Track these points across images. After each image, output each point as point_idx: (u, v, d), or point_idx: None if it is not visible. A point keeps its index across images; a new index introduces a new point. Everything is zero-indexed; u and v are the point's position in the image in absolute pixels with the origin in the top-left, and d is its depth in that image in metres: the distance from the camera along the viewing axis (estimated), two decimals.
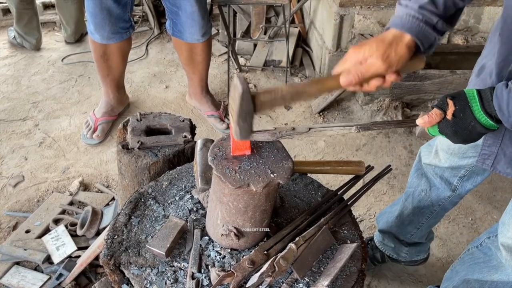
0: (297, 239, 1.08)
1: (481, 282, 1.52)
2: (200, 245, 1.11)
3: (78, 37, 3.55)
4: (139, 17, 3.71)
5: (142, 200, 1.24)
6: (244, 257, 1.07)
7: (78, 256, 1.86)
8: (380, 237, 1.95)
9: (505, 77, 1.09)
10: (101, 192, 2.33)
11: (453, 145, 1.45)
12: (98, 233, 1.93)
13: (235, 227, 1.05)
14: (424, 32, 1.00)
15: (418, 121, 1.00)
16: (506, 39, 1.05)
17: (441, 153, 1.54)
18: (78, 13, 3.38)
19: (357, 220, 2.24)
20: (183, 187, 1.28)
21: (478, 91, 0.95)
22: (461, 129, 0.95)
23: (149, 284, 1.04)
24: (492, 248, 1.48)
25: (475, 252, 1.56)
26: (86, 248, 1.88)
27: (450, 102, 0.95)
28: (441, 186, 1.63)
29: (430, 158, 1.61)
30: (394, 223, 1.84)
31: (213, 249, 1.10)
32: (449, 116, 0.95)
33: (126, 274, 1.07)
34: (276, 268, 1.00)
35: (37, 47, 3.44)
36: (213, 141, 1.20)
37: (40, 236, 1.99)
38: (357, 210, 2.32)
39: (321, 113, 2.94)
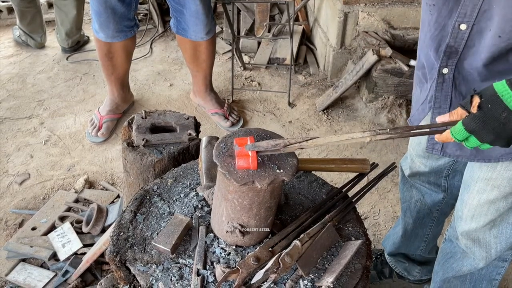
0: (301, 236, 1.08)
1: (461, 278, 1.54)
2: (205, 242, 1.12)
3: (73, 44, 3.38)
4: (143, 16, 3.71)
5: (148, 197, 1.25)
6: (249, 254, 1.07)
7: (84, 253, 1.87)
8: (391, 258, 1.95)
9: (443, 51, 1.07)
10: (106, 189, 2.34)
11: (424, 148, 1.37)
12: (103, 231, 1.94)
13: (240, 224, 1.06)
14: None
15: (438, 119, 0.93)
16: (442, 5, 1.02)
17: (416, 159, 1.53)
18: (75, 13, 3.24)
19: (362, 217, 2.24)
20: (188, 184, 1.29)
21: (508, 80, 0.84)
22: (491, 121, 0.83)
23: (154, 281, 1.05)
24: (453, 240, 1.49)
25: (444, 249, 1.57)
26: (91, 245, 1.89)
27: (476, 98, 0.86)
28: (432, 191, 1.63)
29: (410, 169, 1.60)
30: (401, 242, 1.84)
31: (218, 246, 1.11)
32: (474, 109, 0.85)
33: (131, 270, 1.08)
34: (281, 264, 1.00)
35: (41, 45, 3.44)
36: (218, 138, 1.20)
37: (46, 233, 2.00)
38: (362, 207, 2.32)
39: (325, 111, 2.94)
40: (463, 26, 1.02)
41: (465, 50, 1.05)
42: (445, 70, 1.11)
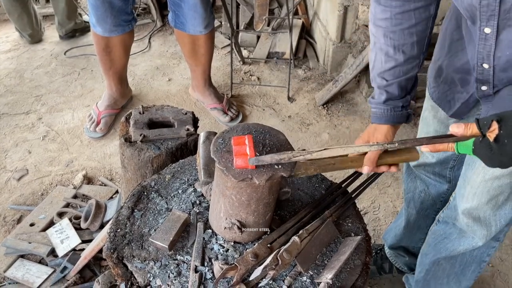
0: (300, 232, 1.07)
1: (451, 260, 1.55)
2: (203, 238, 1.11)
3: (69, 31, 3.44)
4: (141, 10, 3.68)
5: (145, 193, 1.23)
6: (247, 250, 1.06)
7: (82, 249, 1.86)
8: (391, 252, 1.95)
9: (496, 84, 1.06)
10: (105, 185, 2.33)
11: None
12: (102, 226, 1.93)
13: (238, 220, 1.05)
14: (395, 116, 1.24)
15: (452, 127, 0.89)
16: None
17: (423, 150, 1.53)
18: (64, 5, 3.30)
19: (361, 212, 2.23)
20: (186, 180, 1.28)
21: None
22: (501, 156, 0.81)
23: (152, 278, 1.04)
24: (450, 221, 1.49)
25: (436, 231, 1.57)
26: (90, 241, 1.88)
27: (495, 125, 0.81)
28: (437, 182, 1.63)
29: None
30: (403, 234, 1.84)
31: (216, 242, 1.10)
32: (490, 135, 0.82)
33: (129, 267, 1.07)
34: (280, 261, 0.99)
35: (32, 42, 3.42)
36: (216, 133, 1.19)
37: (44, 229, 2.00)
38: (361, 202, 2.32)
39: (325, 105, 2.92)
40: (487, 30, 0.99)
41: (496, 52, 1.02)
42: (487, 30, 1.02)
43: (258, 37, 3.42)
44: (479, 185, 1.30)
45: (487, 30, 0.98)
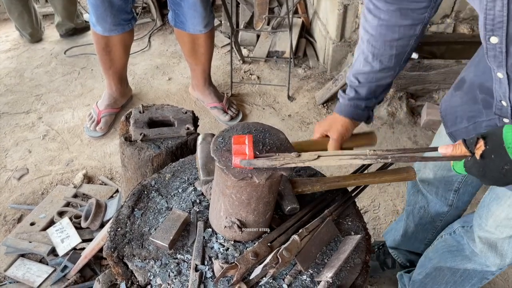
0: (300, 230, 1.08)
1: (453, 270, 1.54)
2: (204, 237, 1.11)
3: (69, 30, 3.45)
4: (141, 9, 3.68)
5: (145, 192, 1.24)
6: (247, 249, 1.06)
7: (83, 249, 1.86)
8: (394, 250, 1.96)
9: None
10: (105, 184, 2.33)
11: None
12: (102, 226, 1.93)
13: (238, 219, 1.05)
14: (356, 113, 1.31)
15: (440, 149, 0.89)
16: None
17: (429, 165, 1.52)
18: (61, 8, 3.31)
19: (361, 211, 2.24)
20: (186, 179, 1.28)
21: None
22: (491, 172, 0.82)
23: (152, 277, 1.04)
24: (465, 238, 1.48)
25: (448, 240, 1.56)
26: (90, 240, 1.89)
27: (481, 142, 0.83)
28: (437, 202, 1.61)
29: (421, 172, 1.58)
30: (401, 241, 1.84)
31: (217, 241, 1.10)
32: (477, 153, 0.83)
33: (129, 266, 1.07)
34: (280, 259, 1.00)
35: (32, 41, 3.42)
36: (213, 135, 1.19)
37: (45, 228, 2.00)
38: (361, 201, 2.32)
39: (324, 104, 2.92)
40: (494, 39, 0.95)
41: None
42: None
43: (258, 36, 3.42)
44: (502, 221, 1.29)
45: (500, 75, 0.97)
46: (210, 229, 1.13)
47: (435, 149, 0.91)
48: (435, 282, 1.62)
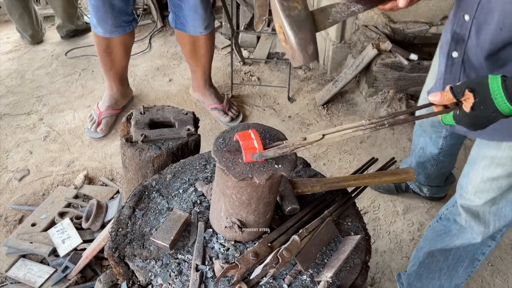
0: (300, 231, 1.08)
1: (445, 252, 1.60)
2: (204, 237, 1.11)
3: (70, 32, 3.45)
4: (142, 10, 3.69)
5: (146, 193, 1.24)
6: (248, 249, 1.07)
7: (84, 249, 1.87)
8: None
9: (451, 36, 1.16)
10: (106, 185, 2.34)
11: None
12: (103, 226, 1.94)
13: (238, 220, 1.05)
14: None
15: (430, 96, 0.97)
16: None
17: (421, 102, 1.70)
18: (61, 10, 3.31)
19: (361, 212, 2.24)
20: (187, 180, 1.28)
21: (504, 81, 0.87)
22: (480, 120, 0.90)
23: (153, 276, 1.05)
24: (451, 217, 1.56)
25: (436, 226, 1.64)
26: (91, 241, 1.89)
27: (469, 95, 0.89)
28: (431, 145, 1.93)
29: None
30: None
31: (217, 242, 1.11)
32: (467, 108, 0.90)
33: (130, 266, 1.08)
34: (280, 259, 1.00)
35: (33, 43, 3.43)
36: None
37: (46, 229, 2.00)
38: (361, 202, 2.32)
39: (324, 105, 2.93)
40: (466, 17, 1.10)
41: (470, 39, 1.12)
42: (454, 54, 1.18)
43: (258, 38, 3.43)
44: (479, 185, 1.35)
45: (455, 54, 1.16)
46: (210, 230, 1.13)
47: (426, 106, 0.99)
48: (429, 270, 1.67)
